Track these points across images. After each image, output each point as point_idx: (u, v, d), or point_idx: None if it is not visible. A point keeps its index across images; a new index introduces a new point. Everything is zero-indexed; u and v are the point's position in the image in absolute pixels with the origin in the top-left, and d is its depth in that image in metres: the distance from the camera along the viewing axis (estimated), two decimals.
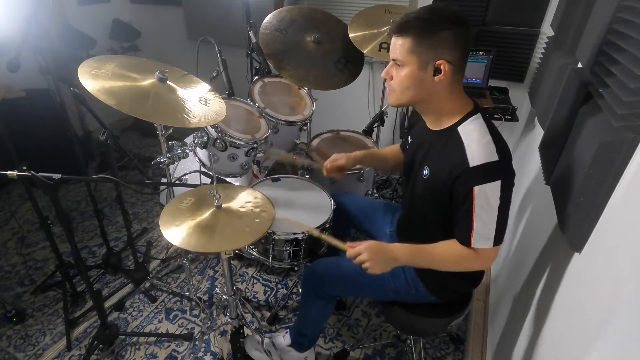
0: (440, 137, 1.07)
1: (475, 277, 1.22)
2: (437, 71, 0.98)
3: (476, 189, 0.95)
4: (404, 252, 1.09)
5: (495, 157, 0.95)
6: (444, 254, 1.07)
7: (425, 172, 1.10)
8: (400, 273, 1.22)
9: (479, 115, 1.03)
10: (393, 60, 1.02)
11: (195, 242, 1.03)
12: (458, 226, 1.03)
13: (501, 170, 0.96)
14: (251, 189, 1.30)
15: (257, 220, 1.14)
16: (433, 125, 1.10)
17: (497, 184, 0.94)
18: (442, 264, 1.09)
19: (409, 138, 1.29)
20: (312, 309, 1.37)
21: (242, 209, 1.18)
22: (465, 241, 1.01)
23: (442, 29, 0.95)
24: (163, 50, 3.53)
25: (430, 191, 1.09)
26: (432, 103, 1.06)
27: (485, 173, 0.95)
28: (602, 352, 0.72)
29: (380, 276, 1.22)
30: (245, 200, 1.22)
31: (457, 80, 1.02)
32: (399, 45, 0.99)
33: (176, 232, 1.05)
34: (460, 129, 1.02)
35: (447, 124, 1.05)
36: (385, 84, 1.10)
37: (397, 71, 1.03)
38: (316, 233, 1.26)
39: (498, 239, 0.99)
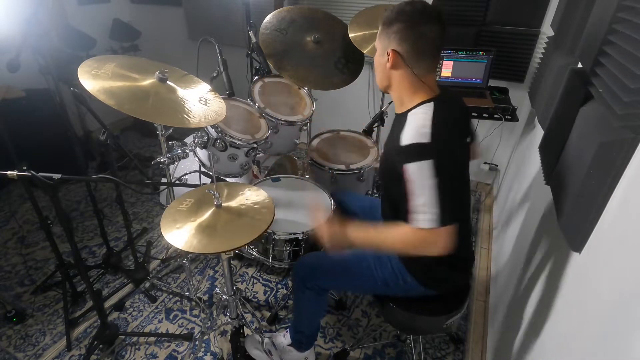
0: (397, 120, 1.14)
1: (462, 266, 1.22)
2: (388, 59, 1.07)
3: (406, 166, 0.98)
4: (354, 232, 1.13)
5: (427, 139, 0.98)
6: (393, 236, 1.07)
7: (381, 151, 1.18)
8: (386, 262, 1.23)
9: (432, 103, 1.07)
10: None
11: (197, 244, 1.03)
12: (405, 207, 1.03)
13: (431, 150, 0.98)
14: (252, 186, 1.30)
15: (258, 218, 1.14)
16: (397, 108, 1.17)
17: (428, 163, 0.96)
18: (395, 245, 1.08)
19: None
20: (303, 301, 1.37)
21: (242, 207, 1.18)
22: (410, 221, 1.01)
23: (397, 21, 1.03)
24: (163, 50, 3.53)
25: (383, 171, 1.17)
26: (394, 89, 1.14)
27: (414, 152, 0.98)
28: (603, 352, 0.72)
29: (368, 267, 1.25)
30: (245, 198, 1.22)
31: (413, 74, 1.07)
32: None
33: (178, 235, 1.05)
34: (410, 113, 1.08)
35: (405, 108, 1.12)
36: None
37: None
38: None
39: (443, 218, 0.97)
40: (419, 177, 0.97)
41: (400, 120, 1.10)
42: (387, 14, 1.06)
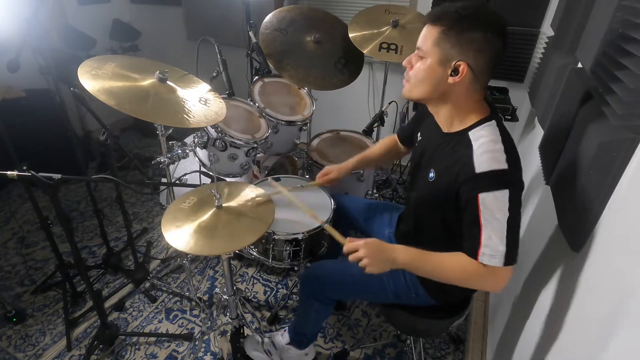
0: (450, 140, 1.02)
1: None
2: (454, 72, 0.92)
3: (481, 196, 0.90)
4: (405, 255, 1.04)
5: (504, 166, 0.90)
6: (452, 265, 0.99)
7: (432, 174, 1.05)
8: (400, 276, 1.22)
9: (493, 122, 0.97)
10: (417, 49, 0.98)
11: (197, 245, 1.02)
12: (466, 239, 0.97)
13: (509, 179, 0.91)
14: (252, 185, 1.30)
15: (258, 219, 1.14)
16: (444, 126, 1.06)
17: (504, 193, 0.89)
18: (448, 276, 1.01)
19: (418, 135, 1.23)
20: (311, 310, 1.37)
21: (242, 208, 1.17)
22: (473, 255, 0.95)
23: (475, 28, 0.89)
24: (163, 50, 3.54)
25: (435, 194, 1.04)
26: (445, 104, 1.01)
27: (492, 180, 0.90)
28: (603, 352, 0.72)
29: (380, 280, 1.21)
30: (246, 198, 1.22)
31: (476, 89, 0.97)
32: (427, 34, 0.95)
33: (178, 235, 1.05)
34: (471, 133, 0.97)
35: (458, 127, 1.01)
36: (404, 75, 1.04)
37: (417, 61, 0.98)
38: (321, 221, 1.24)
39: (509, 258, 0.91)
40: (493, 208, 0.90)
41: (456, 140, 0.99)
42: (453, 14, 0.89)
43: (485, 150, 0.92)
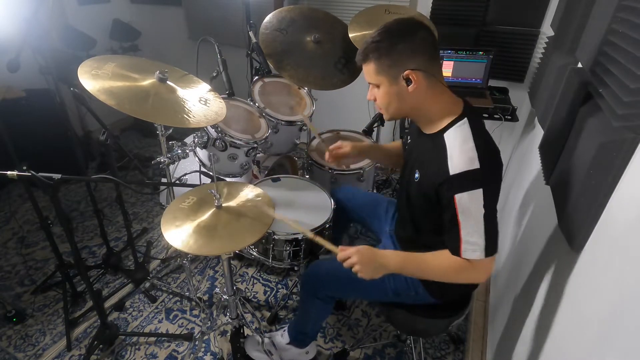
0: (429, 142, 1.08)
1: None
2: (408, 82, 1.00)
3: (457, 197, 0.95)
4: (395, 261, 1.09)
5: (476, 165, 0.94)
6: (437, 264, 1.06)
7: (416, 175, 1.11)
8: (400, 275, 1.22)
9: (465, 120, 1.02)
10: (369, 83, 1.08)
11: (197, 245, 1.02)
12: (447, 237, 1.03)
13: (482, 178, 0.95)
14: (252, 186, 1.30)
15: (258, 219, 1.14)
16: (425, 128, 1.11)
17: (478, 193, 0.94)
18: (435, 275, 1.08)
19: (408, 137, 1.31)
20: (311, 309, 1.38)
21: (242, 208, 1.18)
22: (456, 252, 1.00)
23: (396, 43, 0.98)
24: (163, 50, 3.54)
25: (420, 195, 1.10)
26: (420, 111, 1.07)
27: (465, 181, 0.95)
28: (603, 352, 0.72)
29: (381, 278, 1.22)
30: (245, 198, 1.22)
31: (435, 83, 1.02)
32: (367, 71, 1.05)
33: (177, 235, 1.05)
34: (445, 135, 1.02)
35: (436, 128, 1.06)
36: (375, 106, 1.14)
37: (376, 92, 1.07)
38: (310, 235, 1.25)
39: (490, 249, 0.97)
40: (469, 207, 0.95)
41: (434, 143, 1.04)
42: (372, 47, 1.00)
43: (457, 152, 0.98)
